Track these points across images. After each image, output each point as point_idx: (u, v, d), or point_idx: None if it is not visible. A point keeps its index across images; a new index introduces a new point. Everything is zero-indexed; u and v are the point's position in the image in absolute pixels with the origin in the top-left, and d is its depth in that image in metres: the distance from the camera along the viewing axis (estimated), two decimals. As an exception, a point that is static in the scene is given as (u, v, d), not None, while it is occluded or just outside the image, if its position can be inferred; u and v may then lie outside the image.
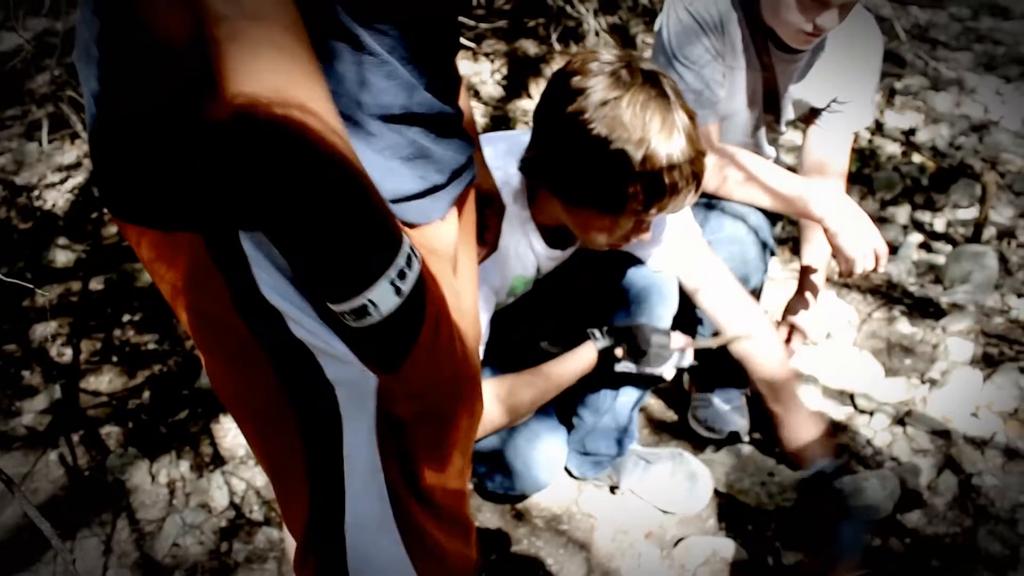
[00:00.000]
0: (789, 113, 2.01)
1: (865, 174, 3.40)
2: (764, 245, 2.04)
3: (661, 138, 1.30)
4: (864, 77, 1.94)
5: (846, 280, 2.48)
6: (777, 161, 2.23)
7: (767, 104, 1.96)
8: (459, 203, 0.89)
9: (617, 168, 1.32)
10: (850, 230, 1.70)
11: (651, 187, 1.33)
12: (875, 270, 1.71)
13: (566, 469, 2.02)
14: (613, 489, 1.99)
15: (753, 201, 1.84)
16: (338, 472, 0.83)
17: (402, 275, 0.68)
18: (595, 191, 1.38)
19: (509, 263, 1.58)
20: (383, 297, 0.67)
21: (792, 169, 2.03)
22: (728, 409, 2.14)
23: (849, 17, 1.71)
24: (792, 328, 2.07)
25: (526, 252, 1.60)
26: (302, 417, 0.81)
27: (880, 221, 3.17)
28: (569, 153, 1.36)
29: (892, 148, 3.61)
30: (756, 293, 2.12)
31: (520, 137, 1.57)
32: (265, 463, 0.90)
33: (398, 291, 0.68)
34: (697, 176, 1.36)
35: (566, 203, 1.44)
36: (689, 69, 1.80)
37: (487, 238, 1.21)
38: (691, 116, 1.35)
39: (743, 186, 1.81)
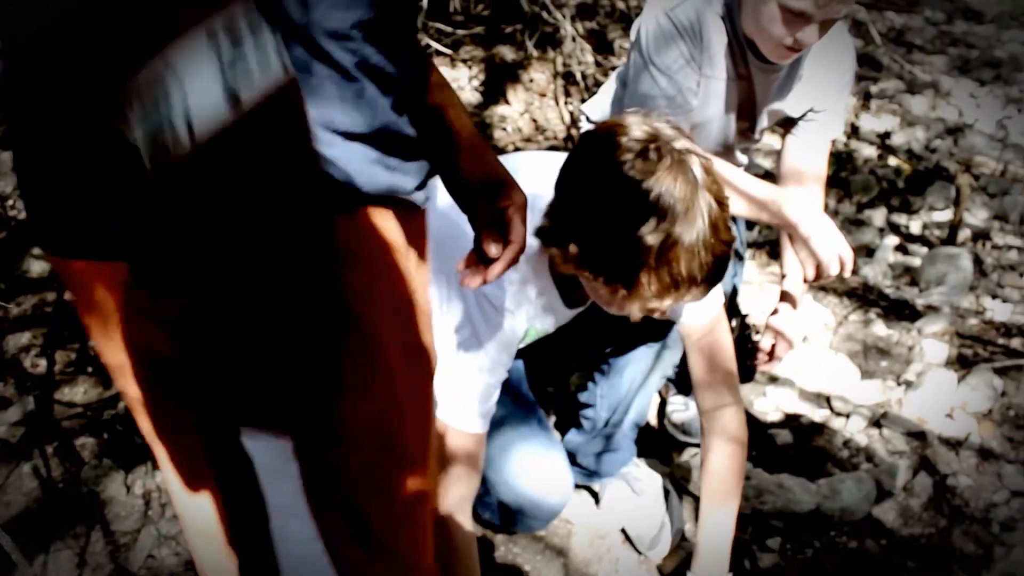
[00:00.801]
0: (764, 122, 2.02)
1: (842, 177, 3.42)
2: (735, 252, 2.04)
3: (682, 226, 1.19)
4: (839, 87, 1.95)
5: (814, 284, 2.49)
6: (749, 167, 2.23)
7: (742, 114, 1.96)
8: (407, 229, 0.84)
9: (630, 251, 1.21)
10: (820, 235, 1.71)
11: (664, 275, 1.22)
12: (841, 275, 1.72)
13: None
14: (597, 500, 1.99)
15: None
16: (265, 530, 0.79)
17: None
18: (607, 271, 1.27)
19: (523, 308, 1.48)
20: None
21: (769, 173, 2.04)
22: (705, 413, 2.15)
23: None
24: (777, 335, 2.07)
25: (541, 299, 1.51)
26: (220, 473, 0.78)
27: (856, 224, 3.19)
28: (584, 227, 1.27)
29: (868, 151, 3.63)
30: (727, 298, 2.13)
31: (538, 158, 1.51)
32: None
33: None
34: (721, 266, 1.25)
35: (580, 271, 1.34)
36: (663, 74, 1.81)
37: (510, 236, 1.07)
38: (721, 201, 1.24)
39: None
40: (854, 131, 3.75)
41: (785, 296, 2.04)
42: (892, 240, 3.08)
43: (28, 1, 0.63)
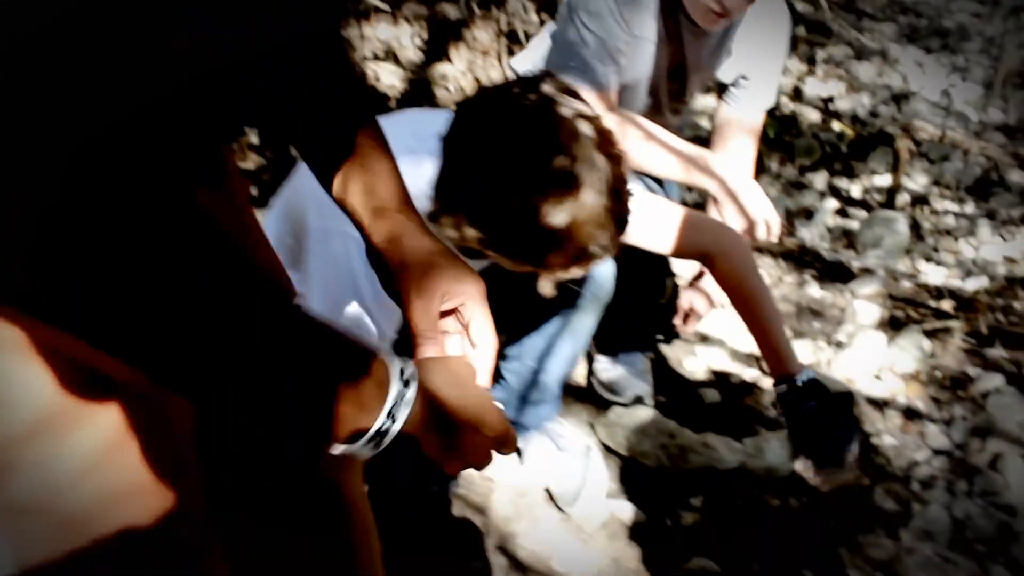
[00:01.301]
0: (694, 86, 1.99)
1: (785, 141, 3.41)
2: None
3: (584, 198, 1.13)
4: (771, 56, 1.93)
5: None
6: (687, 128, 2.21)
7: (672, 76, 1.93)
8: None
9: (534, 236, 1.16)
10: (748, 193, 1.70)
11: (571, 249, 1.17)
12: (768, 239, 1.70)
13: None
14: (519, 454, 1.97)
15: (653, 166, 1.81)
16: None
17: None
18: (514, 254, 1.22)
19: None
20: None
21: (707, 137, 2.02)
22: (632, 373, 2.13)
23: None
24: (698, 293, 2.07)
25: None
26: None
27: (798, 187, 3.19)
28: (482, 213, 1.19)
29: (813, 116, 3.63)
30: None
31: (428, 118, 1.43)
32: None
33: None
34: (624, 225, 1.20)
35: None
36: (587, 26, 1.77)
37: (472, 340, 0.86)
38: (617, 158, 1.17)
39: (643, 151, 1.78)
40: (798, 95, 3.74)
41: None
42: (832, 203, 3.08)
43: None
